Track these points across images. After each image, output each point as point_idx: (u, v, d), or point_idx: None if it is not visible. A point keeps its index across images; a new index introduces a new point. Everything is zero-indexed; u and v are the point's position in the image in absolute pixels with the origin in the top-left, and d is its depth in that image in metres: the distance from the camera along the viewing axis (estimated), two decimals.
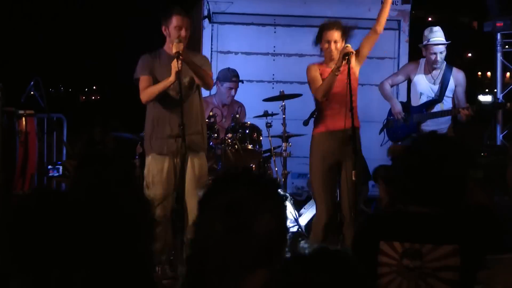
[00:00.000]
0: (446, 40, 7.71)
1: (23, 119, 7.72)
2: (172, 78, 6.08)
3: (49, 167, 7.75)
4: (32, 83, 7.29)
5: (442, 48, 7.65)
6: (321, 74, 6.64)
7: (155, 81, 6.32)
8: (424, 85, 7.74)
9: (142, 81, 6.36)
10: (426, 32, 7.73)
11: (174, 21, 6.28)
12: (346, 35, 6.62)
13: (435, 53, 7.62)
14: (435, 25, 7.99)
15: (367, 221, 3.50)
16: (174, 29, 6.27)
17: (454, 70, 7.74)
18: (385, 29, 9.69)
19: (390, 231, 3.09)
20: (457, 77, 7.72)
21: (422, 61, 7.80)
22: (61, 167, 7.93)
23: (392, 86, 8.06)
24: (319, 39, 6.67)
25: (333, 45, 6.55)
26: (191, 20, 6.55)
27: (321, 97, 6.58)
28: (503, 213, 7.85)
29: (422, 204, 3.08)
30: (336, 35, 6.56)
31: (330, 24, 6.66)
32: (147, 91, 6.31)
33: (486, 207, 3.21)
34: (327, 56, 6.63)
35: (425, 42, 7.69)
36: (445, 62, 7.74)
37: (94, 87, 34.78)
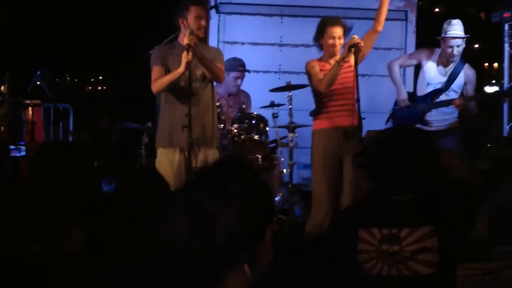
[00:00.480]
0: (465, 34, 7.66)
1: (30, 108, 7.73)
2: (181, 69, 6.09)
3: (12, 147, 7.49)
4: (39, 72, 7.29)
5: (459, 41, 7.58)
6: (321, 70, 6.65)
7: (168, 72, 6.32)
8: (433, 75, 7.69)
9: (154, 72, 6.38)
10: (445, 25, 7.66)
11: (193, 11, 6.28)
12: (347, 33, 6.64)
13: (452, 47, 7.55)
14: (443, 16, 7.96)
15: (345, 211, 3.57)
16: (194, 19, 6.26)
17: (466, 66, 7.68)
18: (392, 19, 9.79)
19: (368, 219, 3.16)
20: (468, 74, 7.66)
21: (438, 50, 7.72)
22: (24, 147, 7.71)
23: (401, 67, 7.98)
24: (321, 35, 6.67)
25: (337, 41, 6.57)
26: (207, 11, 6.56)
27: (324, 88, 6.57)
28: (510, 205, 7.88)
29: (397, 191, 3.14)
30: (339, 31, 6.59)
31: (334, 20, 6.70)
32: (158, 82, 6.32)
33: (467, 183, 3.23)
34: (327, 52, 6.64)
35: (443, 35, 7.63)
36: (459, 57, 7.68)
37: (100, 77, 34.74)
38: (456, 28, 7.61)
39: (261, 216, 1.96)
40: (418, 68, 8.05)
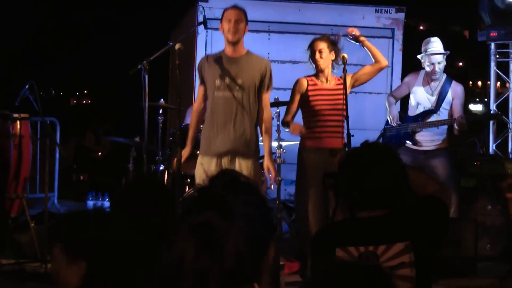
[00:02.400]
0: (445, 51, 7.73)
1: (18, 122, 7.70)
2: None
3: None
4: (27, 86, 7.26)
5: (440, 58, 7.64)
6: (313, 85, 6.79)
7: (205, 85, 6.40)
8: (421, 96, 7.74)
9: (198, 90, 6.53)
10: (423, 44, 7.73)
11: (225, 14, 6.32)
12: (333, 46, 6.75)
13: (433, 64, 7.61)
14: (428, 34, 8.03)
15: (320, 232, 3.63)
16: (225, 21, 6.29)
17: (454, 83, 7.73)
18: (379, 37, 9.87)
19: (344, 238, 3.19)
20: (455, 90, 7.70)
21: (422, 72, 7.79)
22: None
23: (397, 99, 8.03)
24: (310, 51, 6.81)
25: (317, 54, 6.69)
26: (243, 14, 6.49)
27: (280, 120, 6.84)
28: (495, 223, 7.93)
29: (370, 209, 3.18)
30: (321, 44, 6.71)
31: (319, 36, 6.90)
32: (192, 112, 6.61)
33: (437, 198, 3.31)
34: (316, 67, 6.76)
35: (422, 53, 7.70)
36: (445, 75, 7.74)
37: (85, 91, 34.69)
38: (435, 45, 7.67)
39: (264, 234, 1.97)
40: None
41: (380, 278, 1.97)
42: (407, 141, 7.69)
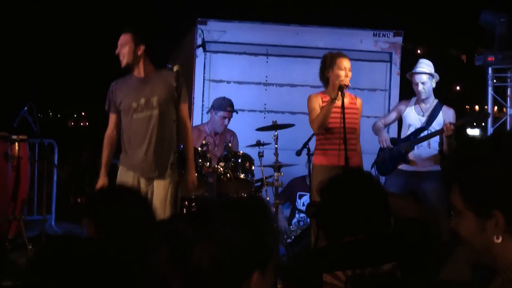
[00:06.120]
0: (435, 72, 7.78)
1: (16, 144, 7.70)
2: None
3: None
4: (26, 108, 7.28)
5: (424, 78, 7.69)
6: (323, 102, 6.80)
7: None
8: (413, 117, 7.80)
9: (110, 118, 6.50)
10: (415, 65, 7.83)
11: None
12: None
13: (417, 83, 7.69)
14: (425, 58, 8.07)
15: (306, 259, 3.63)
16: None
17: (445, 106, 7.78)
18: (376, 61, 9.92)
19: (330, 263, 3.21)
20: (447, 113, 7.74)
21: (414, 98, 7.87)
22: None
23: (385, 125, 8.08)
24: (330, 66, 6.79)
25: (347, 72, 6.74)
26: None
27: (316, 128, 6.71)
28: None
29: (353, 234, 3.22)
30: (348, 63, 6.79)
31: (342, 53, 6.93)
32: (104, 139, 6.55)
33: (420, 221, 3.41)
34: (333, 84, 6.75)
35: (409, 72, 7.80)
36: (436, 100, 7.78)
37: (83, 113, 34.76)
38: (422, 66, 7.75)
39: (243, 257, 1.96)
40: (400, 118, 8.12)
41: None
42: (401, 163, 7.72)
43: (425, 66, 7.77)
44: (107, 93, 6.44)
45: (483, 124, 10.22)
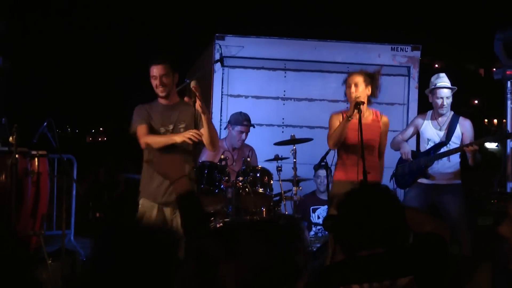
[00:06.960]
0: (453, 86, 7.78)
1: (36, 159, 7.74)
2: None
3: None
4: (45, 123, 7.33)
5: (448, 93, 7.71)
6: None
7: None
8: (430, 132, 7.80)
9: (141, 128, 6.43)
10: (432, 79, 7.83)
11: (150, 70, 6.35)
12: (369, 80, 6.73)
13: (441, 98, 7.69)
14: (444, 72, 8.07)
15: (323, 272, 3.61)
16: (152, 77, 6.36)
17: (461, 118, 7.79)
18: (395, 75, 9.91)
19: (347, 276, 3.21)
20: (463, 125, 7.76)
21: (430, 112, 7.86)
22: None
23: (404, 141, 8.06)
24: (345, 87, 6.79)
25: (353, 88, 6.65)
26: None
27: (332, 145, 6.70)
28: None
29: (370, 247, 3.22)
30: (357, 78, 6.68)
31: (353, 72, 6.91)
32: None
33: (437, 235, 3.40)
34: (350, 103, 6.71)
35: (431, 87, 7.77)
36: (452, 112, 7.78)
37: (101, 129, 34.89)
38: (444, 80, 7.75)
39: (268, 275, 1.95)
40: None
41: None
42: (420, 177, 7.71)
43: (446, 80, 7.77)
44: (134, 112, 6.43)
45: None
